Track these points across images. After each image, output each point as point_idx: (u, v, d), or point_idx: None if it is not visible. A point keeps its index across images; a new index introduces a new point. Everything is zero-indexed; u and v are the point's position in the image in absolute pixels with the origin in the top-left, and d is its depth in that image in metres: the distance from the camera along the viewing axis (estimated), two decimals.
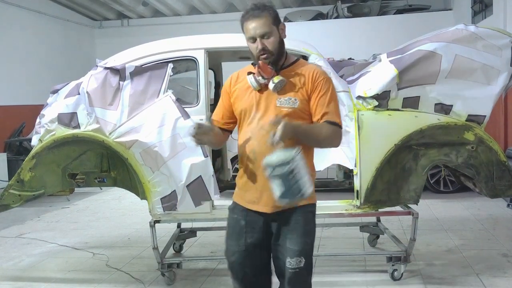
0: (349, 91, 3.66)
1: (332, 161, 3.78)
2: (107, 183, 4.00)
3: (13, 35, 10.09)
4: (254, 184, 2.27)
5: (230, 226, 2.37)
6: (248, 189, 2.30)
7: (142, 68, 3.72)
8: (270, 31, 2.23)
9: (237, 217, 2.35)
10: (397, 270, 3.77)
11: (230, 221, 2.38)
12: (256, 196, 2.28)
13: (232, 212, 2.39)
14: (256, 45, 2.22)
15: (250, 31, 2.23)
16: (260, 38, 2.21)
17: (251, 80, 2.25)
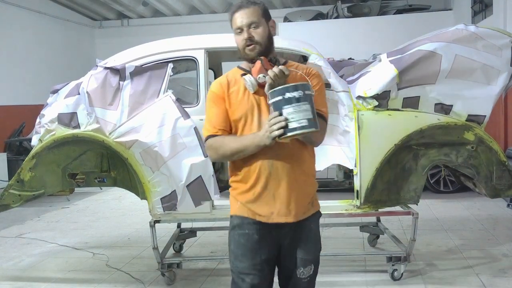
0: (349, 91, 3.66)
1: (332, 161, 3.78)
2: (107, 183, 4.00)
3: (13, 35, 10.09)
4: (275, 194, 2.08)
5: (241, 244, 2.11)
6: (266, 201, 2.09)
7: (142, 68, 3.72)
8: (258, 21, 2.11)
9: (248, 232, 2.11)
10: (397, 270, 3.77)
11: (240, 238, 2.12)
12: (279, 207, 2.08)
13: (239, 229, 2.13)
14: (243, 36, 2.10)
15: (237, 21, 2.11)
16: (247, 27, 2.09)
17: (250, 80, 2.08)
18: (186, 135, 3.57)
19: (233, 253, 2.14)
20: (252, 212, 2.11)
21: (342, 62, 4.54)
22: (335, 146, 3.72)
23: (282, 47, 3.83)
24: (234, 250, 2.14)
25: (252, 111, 2.11)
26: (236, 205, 2.16)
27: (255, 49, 2.10)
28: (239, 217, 2.14)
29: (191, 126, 3.58)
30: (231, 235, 2.16)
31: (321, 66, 3.60)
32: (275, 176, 2.08)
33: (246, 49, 2.11)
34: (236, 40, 2.16)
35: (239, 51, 2.15)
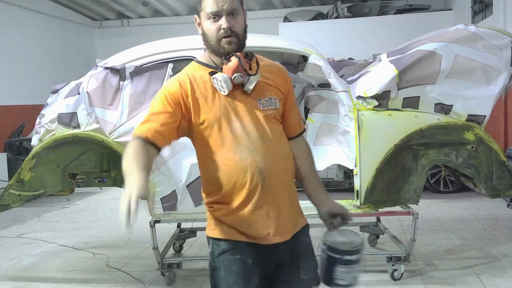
0: (349, 91, 3.65)
1: (332, 161, 3.78)
2: (107, 183, 4.00)
3: (13, 35, 10.08)
4: (269, 212, 1.79)
5: (232, 271, 1.82)
6: (257, 220, 1.78)
7: (142, 68, 3.73)
8: (238, 9, 1.78)
9: (241, 257, 1.81)
10: (397, 270, 3.77)
11: (231, 265, 1.82)
12: (274, 225, 1.80)
13: (231, 254, 1.82)
14: (220, 24, 1.74)
15: (213, 5, 1.73)
16: (227, 15, 1.74)
17: (224, 80, 1.73)
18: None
19: (224, 281, 1.84)
20: (245, 234, 1.80)
21: (342, 62, 4.53)
22: (335, 146, 3.73)
23: (282, 47, 3.84)
24: (225, 277, 1.83)
25: (227, 116, 1.77)
26: (221, 227, 1.83)
27: (233, 43, 1.77)
28: (229, 241, 1.82)
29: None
30: (220, 261, 1.85)
31: (321, 66, 3.60)
32: (267, 189, 1.78)
33: (222, 41, 1.76)
34: (207, 27, 1.78)
35: (209, 42, 1.79)
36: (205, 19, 1.78)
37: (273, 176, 1.79)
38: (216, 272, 1.88)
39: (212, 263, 1.90)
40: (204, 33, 1.81)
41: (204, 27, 1.80)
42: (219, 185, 1.78)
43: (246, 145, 1.76)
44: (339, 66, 4.31)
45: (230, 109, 1.77)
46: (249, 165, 1.75)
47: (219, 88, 1.76)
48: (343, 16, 10.76)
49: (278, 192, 1.81)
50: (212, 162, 1.79)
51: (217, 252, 1.87)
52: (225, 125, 1.77)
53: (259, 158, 1.76)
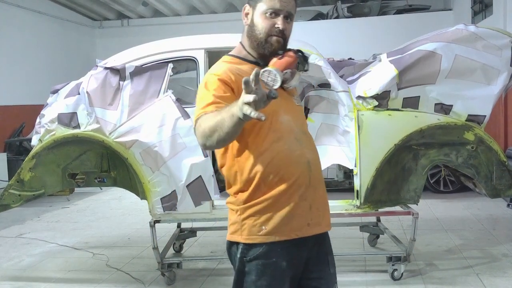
0: (349, 91, 3.66)
1: (332, 161, 3.78)
2: (107, 183, 4.00)
3: (13, 35, 10.09)
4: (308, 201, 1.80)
5: (267, 275, 1.77)
6: (300, 213, 1.78)
7: (142, 68, 3.73)
8: (293, 15, 1.84)
9: (276, 261, 1.77)
10: (397, 270, 3.77)
11: (265, 269, 1.77)
12: (314, 216, 1.83)
13: (265, 258, 1.77)
14: (275, 22, 1.78)
15: (276, 2, 1.77)
16: (284, 16, 1.80)
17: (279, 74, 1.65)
18: (186, 135, 3.57)
19: (255, 284, 1.78)
20: (283, 232, 1.77)
21: (342, 62, 4.53)
22: (335, 146, 3.73)
23: None
24: (257, 281, 1.78)
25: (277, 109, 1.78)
26: (258, 229, 1.76)
27: (280, 43, 1.81)
28: (265, 245, 1.77)
29: (191, 126, 3.58)
30: (252, 265, 1.78)
31: (321, 66, 3.60)
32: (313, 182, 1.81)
33: (273, 38, 1.80)
34: (260, 20, 1.80)
35: (256, 34, 1.81)
36: (261, 13, 1.80)
37: (317, 169, 1.85)
38: (245, 276, 1.81)
39: (241, 267, 1.82)
40: (253, 25, 1.83)
41: (255, 19, 1.82)
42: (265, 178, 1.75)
43: (295, 137, 1.80)
44: (339, 66, 4.31)
45: (277, 103, 1.68)
46: (299, 157, 1.78)
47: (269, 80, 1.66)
48: (343, 16, 10.76)
49: (319, 185, 1.86)
50: (260, 155, 1.75)
51: (249, 257, 1.80)
52: (276, 118, 1.77)
53: (306, 150, 1.81)
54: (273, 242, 1.77)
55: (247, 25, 1.86)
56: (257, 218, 1.77)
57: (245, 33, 1.88)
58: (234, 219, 1.83)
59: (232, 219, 1.84)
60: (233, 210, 1.84)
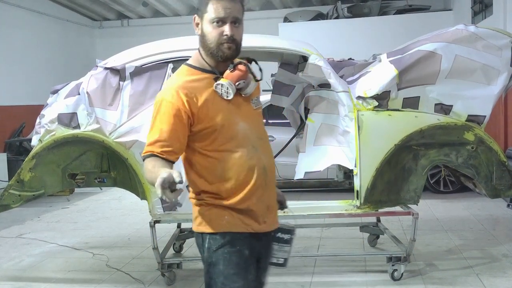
0: (349, 91, 3.65)
1: (332, 161, 3.78)
2: (107, 183, 4.00)
3: (12, 35, 10.09)
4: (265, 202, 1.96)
5: (233, 263, 1.89)
6: (256, 210, 1.94)
7: (142, 68, 3.72)
8: (241, 19, 1.90)
9: (239, 249, 1.90)
10: (397, 270, 3.77)
11: (231, 256, 1.89)
12: (267, 214, 1.98)
13: (230, 246, 1.90)
14: (223, 30, 1.84)
15: (220, 10, 1.83)
16: (231, 22, 1.85)
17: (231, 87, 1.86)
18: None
19: (223, 274, 1.89)
20: (245, 225, 1.92)
21: (342, 62, 4.53)
22: (335, 146, 3.72)
23: (282, 48, 3.84)
24: (224, 270, 1.89)
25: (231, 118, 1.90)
26: (221, 220, 1.90)
27: (231, 49, 1.88)
28: (229, 234, 1.90)
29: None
30: (218, 255, 1.89)
31: (321, 67, 3.60)
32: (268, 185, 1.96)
33: (224, 46, 1.86)
34: (209, 30, 1.86)
35: (207, 44, 1.88)
36: (208, 22, 1.86)
37: (272, 172, 2.00)
38: (212, 267, 1.92)
39: (208, 259, 1.94)
40: (204, 35, 1.89)
41: (205, 29, 1.89)
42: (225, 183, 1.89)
43: (251, 144, 1.92)
44: (339, 66, 4.31)
45: (233, 112, 1.90)
46: (256, 163, 1.91)
47: (223, 92, 1.88)
48: (343, 17, 10.77)
49: (272, 187, 2.03)
50: (219, 161, 1.88)
51: (214, 246, 1.91)
52: (232, 126, 1.89)
53: (262, 156, 1.94)
54: (235, 232, 1.91)
55: (199, 35, 1.92)
56: (220, 210, 1.91)
57: (199, 42, 1.94)
58: (198, 212, 1.96)
59: (196, 213, 1.97)
60: (196, 203, 1.97)
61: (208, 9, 1.85)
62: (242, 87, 1.92)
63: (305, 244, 4.77)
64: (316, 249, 4.64)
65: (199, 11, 1.90)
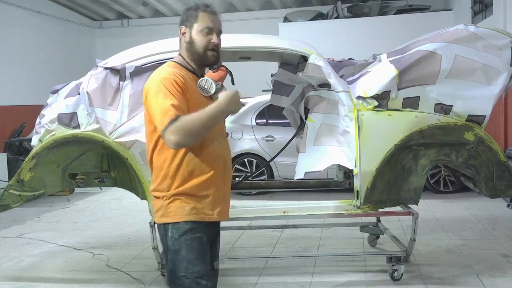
0: (349, 91, 3.65)
1: (332, 161, 3.78)
2: (107, 183, 4.00)
3: (13, 35, 10.09)
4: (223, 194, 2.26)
5: (194, 248, 2.15)
6: (216, 200, 2.22)
7: (142, 68, 3.72)
8: (222, 32, 2.31)
9: (200, 236, 2.17)
10: (397, 270, 3.77)
11: (193, 243, 2.15)
12: (225, 206, 2.28)
13: (192, 233, 2.15)
14: (211, 38, 2.22)
15: (209, 22, 2.22)
16: (216, 33, 2.25)
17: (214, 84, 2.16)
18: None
19: (185, 259, 2.14)
20: (204, 214, 2.17)
21: (342, 62, 4.53)
22: (335, 146, 3.72)
23: (282, 48, 3.83)
24: (187, 255, 2.14)
25: None
26: (182, 210, 2.14)
27: (214, 57, 2.25)
28: (190, 222, 2.15)
29: None
30: (181, 242, 2.14)
31: (321, 66, 3.60)
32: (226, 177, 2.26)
33: (209, 52, 2.22)
34: (198, 38, 2.22)
35: (195, 49, 2.23)
36: (198, 31, 2.22)
37: (229, 166, 2.30)
38: (175, 254, 2.15)
39: (171, 247, 2.16)
40: (192, 41, 2.23)
41: (194, 36, 2.23)
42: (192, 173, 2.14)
43: (217, 141, 2.22)
44: (339, 66, 4.31)
45: None
46: (219, 156, 2.21)
47: (206, 88, 2.16)
48: (343, 17, 10.77)
49: (229, 180, 2.30)
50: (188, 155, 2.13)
51: (177, 234, 2.15)
52: None
53: (223, 151, 2.25)
54: (195, 220, 2.15)
55: (186, 42, 2.25)
56: (181, 201, 2.15)
57: (183, 48, 2.28)
58: (160, 205, 2.18)
59: (158, 205, 2.19)
60: (158, 197, 2.19)
61: (199, 20, 2.22)
62: (218, 89, 2.17)
63: (305, 244, 4.78)
64: (316, 249, 4.64)
65: (186, 22, 2.25)
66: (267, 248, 4.73)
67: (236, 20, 11.61)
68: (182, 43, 2.29)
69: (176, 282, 2.16)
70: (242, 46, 3.81)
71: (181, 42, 2.30)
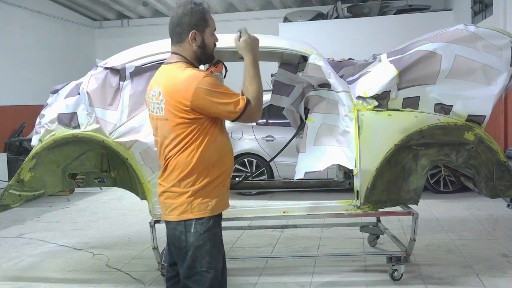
0: (349, 91, 3.65)
1: (332, 161, 3.78)
2: (107, 183, 4.00)
3: (13, 35, 10.09)
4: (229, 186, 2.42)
5: (217, 243, 2.27)
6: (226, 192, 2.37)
7: (142, 68, 3.72)
8: None
9: (217, 231, 2.29)
10: (397, 270, 3.77)
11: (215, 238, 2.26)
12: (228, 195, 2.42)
13: (214, 228, 2.26)
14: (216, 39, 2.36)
15: (214, 23, 2.35)
16: None
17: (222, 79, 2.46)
18: None
19: (209, 254, 2.20)
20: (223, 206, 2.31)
21: (342, 62, 4.53)
22: (335, 146, 3.72)
23: (282, 47, 3.83)
24: (211, 250, 2.21)
25: None
26: (206, 206, 2.22)
27: None
28: (212, 217, 2.24)
29: None
30: (205, 237, 2.20)
31: (321, 66, 3.60)
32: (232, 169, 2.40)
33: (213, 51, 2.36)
34: (211, 41, 2.33)
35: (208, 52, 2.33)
36: (210, 34, 2.30)
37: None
38: (199, 249, 2.19)
39: (195, 242, 2.19)
40: (204, 45, 2.29)
41: (207, 40, 2.30)
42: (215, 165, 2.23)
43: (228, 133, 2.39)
44: (339, 66, 4.31)
45: None
46: (231, 149, 2.36)
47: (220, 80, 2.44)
48: (343, 16, 10.77)
49: None
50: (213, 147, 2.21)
51: (201, 230, 2.20)
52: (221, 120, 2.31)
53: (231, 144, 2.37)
54: (215, 215, 2.24)
55: (198, 46, 2.28)
56: (204, 197, 2.21)
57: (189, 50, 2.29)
58: (182, 201, 2.21)
59: (178, 203, 2.22)
60: (179, 193, 2.21)
61: (210, 22, 2.29)
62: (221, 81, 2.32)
63: (305, 244, 4.78)
64: (316, 249, 4.64)
65: (197, 26, 2.25)
66: (267, 248, 4.73)
67: (236, 20, 11.61)
68: (190, 46, 2.29)
69: (195, 278, 2.19)
70: None
71: (186, 45, 2.29)
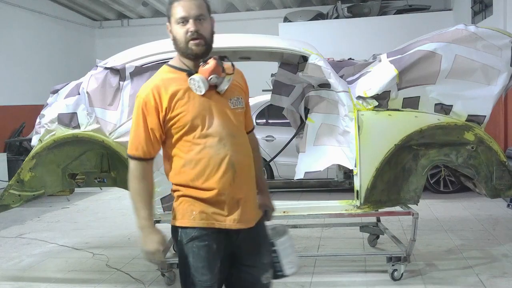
0: (349, 91, 3.65)
1: (332, 161, 3.78)
2: (107, 183, 4.00)
3: (13, 35, 10.09)
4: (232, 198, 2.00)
5: (201, 256, 1.98)
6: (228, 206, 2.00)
7: (142, 68, 3.72)
8: (205, 15, 1.97)
9: (208, 243, 1.99)
10: (397, 270, 3.77)
11: (200, 251, 1.99)
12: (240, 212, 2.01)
13: (199, 241, 1.99)
14: (187, 27, 1.93)
15: (181, 11, 1.93)
16: (194, 19, 1.93)
17: (202, 81, 1.94)
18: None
19: (192, 267, 1.99)
20: (213, 220, 1.99)
21: (342, 62, 4.53)
22: (335, 146, 3.72)
23: (282, 47, 3.83)
24: (194, 263, 1.99)
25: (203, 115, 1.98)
26: (190, 214, 2.00)
27: (200, 45, 1.96)
28: (198, 229, 1.99)
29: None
30: (188, 248, 2.00)
31: (321, 66, 3.60)
32: (237, 181, 1.99)
33: (190, 43, 1.95)
34: (176, 31, 1.96)
35: (178, 45, 1.98)
36: (175, 24, 1.97)
37: (242, 170, 2.03)
38: (184, 259, 2.03)
39: (179, 251, 2.05)
40: (174, 37, 1.99)
41: (173, 32, 1.99)
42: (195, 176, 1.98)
43: (220, 139, 1.98)
44: (339, 66, 4.31)
45: (206, 108, 1.98)
46: (223, 159, 1.97)
47: (196, 88, 1.96)
48: (343, 16, 10.77)
49: (245, 184, 2.05)
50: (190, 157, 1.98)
51: (185, 240, 2.01)
52: (201, 123, 1.97)
53: (231, 153, 1.98)
54: (203, 227, 1.99)
55: (172, 39, 2.01)
56: (188, 204, 2.01)
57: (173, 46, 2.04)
58: (173, 206, 2.08)
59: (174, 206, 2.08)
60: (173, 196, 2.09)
61: (173, 12, 1.96)
62: (216, 82, 1.98)
63: (305, 244, 4.77)
64: (316, 249, 4.64)
65: (168, 18, 2.00)
66: None
67: (236, 20, 11.62)
68: None
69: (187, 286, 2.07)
70: (242, 46, 3.81)
71: None
